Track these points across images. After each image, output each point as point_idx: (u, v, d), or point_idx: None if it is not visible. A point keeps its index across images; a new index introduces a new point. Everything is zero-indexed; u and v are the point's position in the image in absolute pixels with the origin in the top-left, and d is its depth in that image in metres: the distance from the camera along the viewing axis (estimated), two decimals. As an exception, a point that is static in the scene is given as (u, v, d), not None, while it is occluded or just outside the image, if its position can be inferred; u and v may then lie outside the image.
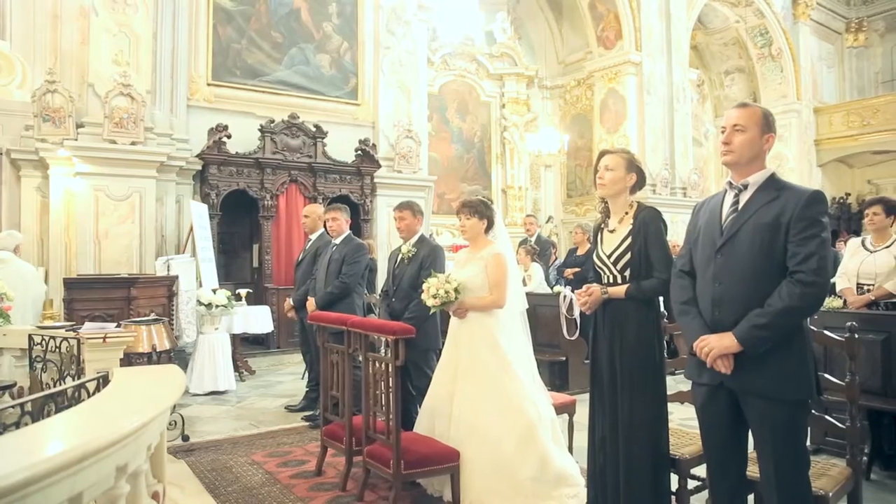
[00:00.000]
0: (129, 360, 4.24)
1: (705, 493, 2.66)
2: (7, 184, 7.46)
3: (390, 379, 3.45)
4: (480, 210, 3.78)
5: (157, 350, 4.36)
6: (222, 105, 8.86)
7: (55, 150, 7.16)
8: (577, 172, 15.06)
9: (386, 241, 9.80)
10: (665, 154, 13.65)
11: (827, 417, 2.74)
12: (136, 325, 4.29)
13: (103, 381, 2.32)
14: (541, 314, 6.73)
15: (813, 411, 2.48)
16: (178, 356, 7.02)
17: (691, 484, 2.89)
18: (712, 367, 2.29)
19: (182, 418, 4.76)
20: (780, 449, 2.23)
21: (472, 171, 14.36)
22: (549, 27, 15.37)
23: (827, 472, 2.61)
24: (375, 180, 9.69)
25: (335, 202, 9.37)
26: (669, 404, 2.88)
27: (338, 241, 5.39)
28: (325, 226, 5.68)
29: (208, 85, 8.83)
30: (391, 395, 3.45)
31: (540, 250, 8.45)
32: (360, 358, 3.77)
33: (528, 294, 4.45)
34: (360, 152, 9.50)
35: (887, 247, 4.68)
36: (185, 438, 4.71)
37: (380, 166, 9.68)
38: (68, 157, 7.20)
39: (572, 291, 6.36)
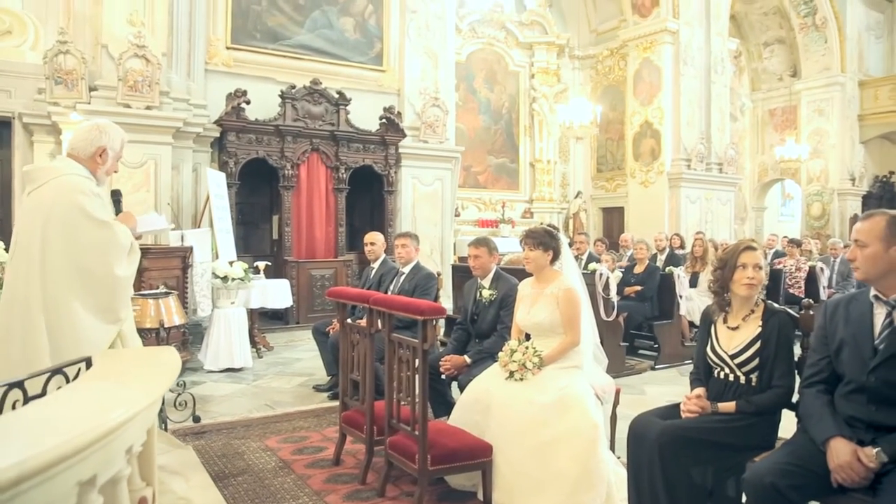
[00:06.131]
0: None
1: None
2: (20, 149, 7.19)
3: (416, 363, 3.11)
4: (545, 241, 3.51)
5: (166, 326, 4.05)
6: (241, 70, 8.50)
7: (68, 115, 6.85)
8: (608, 146, 14.50)
9: (410, 213, 9.43)
10: (701, 128, 13.06)
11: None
12: (143, 299, 3.98)
13: (87, 365, 1.98)
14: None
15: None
16: (194, 331, 6.77)
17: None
18: None
19: (193, 398, 4.47)
20: None
21: (500, 143, 13.88)
22: (581, -7, 14.70)
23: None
24: (400, 150, 9.29)
25: (358, 172, 9.03)
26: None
27: (406, 269, 5.06)
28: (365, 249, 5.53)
29: (227, 48, 8.47)
30: (418, 381, 3.10)
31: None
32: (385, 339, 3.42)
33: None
34: (384, 121, 9.09)
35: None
36: (197, 419, 4.42)
37: (405, 136, 9.27)
38: (81, 122, 6.89)
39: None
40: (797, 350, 2.70)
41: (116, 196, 3.16)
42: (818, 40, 16.17)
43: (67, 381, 1.90)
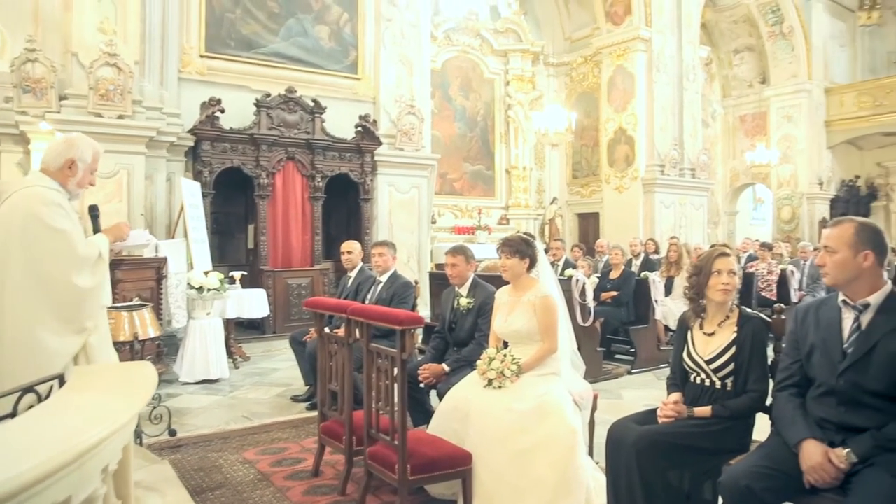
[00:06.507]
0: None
1: None
2: (-14, 159, 7.05)
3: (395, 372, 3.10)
4: (522, 249, 3.52)
5: (140, 339, 3.99)
6: (215, 78, 8.43)
7: (36, 124, 6.75)
8: (584, 153, 14.64)
9: (386, 220, 9.42)
10: (674, 134, 13.25)
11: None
12: (116, 312, 3.92)
13: (59, 382, 1.95)
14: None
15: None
16: (169, 342, 6.67)
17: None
18: None
19: (169, 411, 4.40)
20: None
21: (476, 150, 13.94)
22: (555, 2, 14.84)
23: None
24: (376, 158, 9.28)
25: (334, 180, 9.00)
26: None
27: (383, 278, 5.02)
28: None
29: (201, 57, 8.40)
30: (396, 390, 3.10)
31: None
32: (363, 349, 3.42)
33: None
34: (360, 128, 9.08)
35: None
36: (173, 433, 4.36)
37: (381, 143, 9.27)
38: (51, 132, 6.78)
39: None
40: (770, 354, 2.76)
41: (94, 211, 3.09)
42: (786, 48, 16.52)
43: (39, 398, 1.87)
